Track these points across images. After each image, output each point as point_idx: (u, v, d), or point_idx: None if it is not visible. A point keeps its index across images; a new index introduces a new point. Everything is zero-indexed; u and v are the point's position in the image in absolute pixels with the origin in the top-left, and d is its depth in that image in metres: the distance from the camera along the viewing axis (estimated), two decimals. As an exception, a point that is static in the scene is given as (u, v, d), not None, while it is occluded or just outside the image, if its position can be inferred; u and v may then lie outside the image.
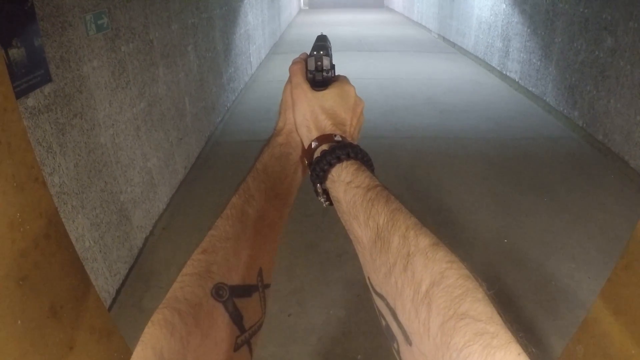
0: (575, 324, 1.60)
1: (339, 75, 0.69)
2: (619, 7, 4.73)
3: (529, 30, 6.98)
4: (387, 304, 0.45)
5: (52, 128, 2.23)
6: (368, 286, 0.51)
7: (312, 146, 0.62)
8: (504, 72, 7.93)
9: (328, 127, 0.63)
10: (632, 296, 1.03)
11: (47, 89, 2.21)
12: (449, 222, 3.66)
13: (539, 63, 6.67)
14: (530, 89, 6.93)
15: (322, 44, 0.70)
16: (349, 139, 0.63)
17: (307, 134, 0.64)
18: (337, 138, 0.61)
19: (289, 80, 0.68)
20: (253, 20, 8.13)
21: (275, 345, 2.55)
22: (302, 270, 3.15)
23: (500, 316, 0.37)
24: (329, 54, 0.68)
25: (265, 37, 9.72)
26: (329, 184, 0.58)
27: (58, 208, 0.80)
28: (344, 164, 0.57)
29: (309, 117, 0.64)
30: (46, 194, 0.73)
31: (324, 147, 0.60)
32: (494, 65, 8.43)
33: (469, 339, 0.35)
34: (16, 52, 1.97)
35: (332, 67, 0.68)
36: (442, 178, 4.46)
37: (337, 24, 15.46)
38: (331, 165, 0.57)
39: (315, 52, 0.67)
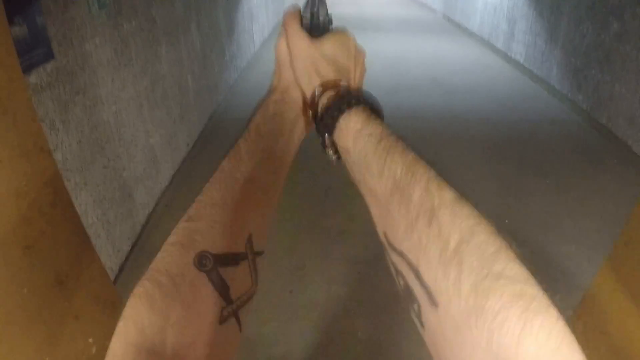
0: (574, 305, 1.62)
1: (336, 27, 0.64)
2: (626, -9, 4.68)
3: (534, 12, 6.91)
4: (409, 262, 0.42)
5: (54, 105, 2.23)
6: (383, 242, 0.47)
7: (316, 93, 0.58)
8: (509, 54, 7.86)
9: (331, 73, 0.59)
10: (631, 272, 1.04)
11: (50, 66, 2.20)
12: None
13: (544, 46, 6.61)
14: (535, 71, 6.88)
15: None
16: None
17: (309, 83, 0.60)
18: (343, 83, 0.58)
19: (283, 35, 0.63)
20: (256, -2, 8.07)
21: (277, 322, 2.58)
22: (303, 247, 3.17)
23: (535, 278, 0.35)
24: (324, 1, 0.63)
25: (269, 16, 9.64)
26: (336, 134, 0.54)
27: (62, 182, 0.81)
28: (353, 110, 0.53)
29: (309, 65, 0.60)
30: (51, 164, 0.74)
31: (330, 92, 0.56)
32: (499, 47, 8.35)
33: (506, 300, 0.33)
34: (18, 30, 1.97)
35: (329, 17, 0.63)
36: (444, 158, 4.45)
37: (341, 3, 15.27)
38: (341, 112, 0.53)
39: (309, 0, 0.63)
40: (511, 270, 0.35)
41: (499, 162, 4.42)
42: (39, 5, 2.10)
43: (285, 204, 0.65)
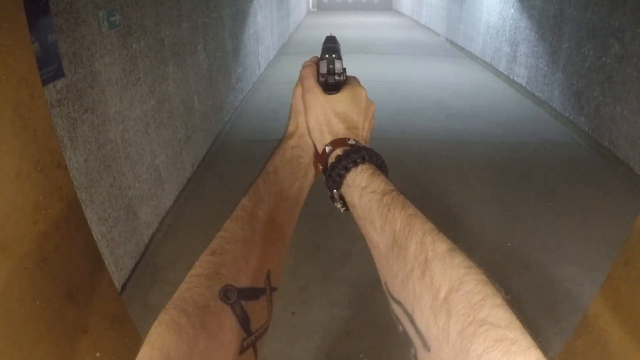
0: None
1: (349, 77, 0.68)
2: (626, 14, 4.74)
3: (536, 35, 6.99)
4: (405, 310, 0.45)
5: (63, 122, 2.26)
6: (385, 292, 0.50)
7: (327, 151, 0.61)
8: (511, 77, 7.93)
9: (341, 131, 0.62)
10: (630, 291, 1.05)
11: (60, 83, 2.24)
12: (454, 224, 3.68)
13: (546, 68, 6.67)
14: (537, 94, 6.94)
15: (332, 45, 0.69)
16: (362, 142, 0.62)
17: (321, 139, 0.63)
18: (351, 142, 0.61)
19: (300, 84, 0.67)
20: (262, 21, 8.17)
21: (279, 343, 2.57)
22: (307, 269, 3.17)
23: (520, 321, 0.37)
24: (340, 57, 0.67)
25: (274, 38, 9.76)
26: (344, 189, 0.58)
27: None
28: (359, 168, 0.57)
29: (322, 121, 0.63)
30: (67, 180, 0.76)
31: (338, 151, 0.60)
32: (501, 69, 8.43)
33: (488, 345, 0.35)
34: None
35: (344, 70, 0.67)
36: (447, 181, 4.47)
37: (346, 26, 15.49)
38: (347, 170, 0.57)
39: (327, 55, 0.67)
40: (494, 317, 0.37)
41: (501, 185, 4.43)
42: (51, 23, 2.14)
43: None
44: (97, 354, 0.88)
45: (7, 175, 0.65)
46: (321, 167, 0.63)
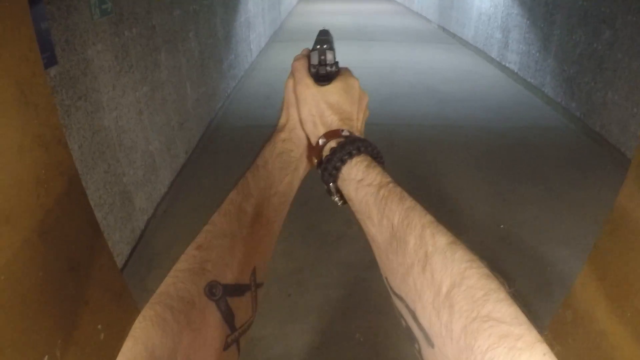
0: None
1: (342, 68, 0.67)
2: (617, 1, 4.76)
3: (528, 22, 7.01)
4: (407, 306, 0.44)
5: (57, 110, 2.27)
6: (386, 287, 0.50)
7: (320, 143, 0.60)
8: (503, 63, 7.95)
9: (335, 122, 0.61)
10: (616, 261, 1.09)
11: (53, 71, 2.24)
12: (446, 208, 3.72)
13: (537, 54, 6.70)
14: (528, 80, 6.96)
15: (324, 37, 0.68)
16: (356, 134, 0.61)
17: (314, 131, 0.62)
18: (345, 133, 0.60)
19: (291, 76, 0.66)
20: (253, 8, 8.13)
21: (275, 325, 2.61)
22: (301, 251, 3.21)
23: (525, 315, 0.37)
24: (332, 48, 0.66)
25: (266, 25, 9.72)
26: (340, 182, 0.57)
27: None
28: (354, 160, 0.55)
29: (315, 112, 0.62)
30: (68, 155, 0.78)
31: (332, 144, 0.59)
32: (493, 56, 8.44)
33: (493, 341, 0.35)
34: (23, 34, 2.01)
35: (336, 61, 0.66)
36: (439, 165, 4.51)
37: (338, 13, 15.42)
38: (342, 162, 0.56)
39: (318, 46, 0.65)
40: (498, 312, 0.36)
41: (493, 170, 4.47)
42: (43, 11, 2.14)
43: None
44: (98, 326, 0.91)
45: (10, 149, 0.67)
46: (315, 161, 0.62)
